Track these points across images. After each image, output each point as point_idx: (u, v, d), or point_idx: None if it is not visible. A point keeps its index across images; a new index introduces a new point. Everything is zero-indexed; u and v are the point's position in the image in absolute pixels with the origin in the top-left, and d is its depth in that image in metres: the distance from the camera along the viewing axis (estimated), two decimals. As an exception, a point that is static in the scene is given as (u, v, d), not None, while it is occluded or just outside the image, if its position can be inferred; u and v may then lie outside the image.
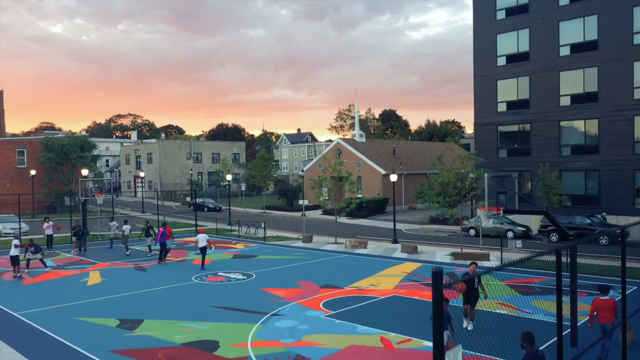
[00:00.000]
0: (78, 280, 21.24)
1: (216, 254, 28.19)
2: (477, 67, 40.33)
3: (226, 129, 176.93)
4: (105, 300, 17.79)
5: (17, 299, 18.08)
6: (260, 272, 22.69)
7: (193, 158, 77.09)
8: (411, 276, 21.30)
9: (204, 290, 19.35)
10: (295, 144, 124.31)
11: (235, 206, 58.60)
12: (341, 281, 20.44)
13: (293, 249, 29.94)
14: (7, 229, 34.88)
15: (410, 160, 58.24)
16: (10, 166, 51.48)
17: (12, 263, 21.92)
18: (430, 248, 29.94)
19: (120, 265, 24.83)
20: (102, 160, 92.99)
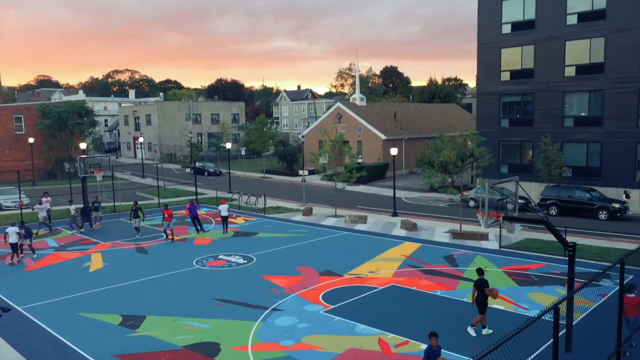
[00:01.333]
0: (80, 266, 21.44)
1: (217, 230, 28.36)
2: (482, 35, 39.36)
3: (225, 84, 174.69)
4: (108, 292, 18.00)
5: (20, 290, 18.31)
6: (261, 254, 22.87)
7: (192, 119, 76.46)
8: (410, 260, 21.47)
9: (204, 277, 19.56)
10: (295, 101, 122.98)
11: (235, 169, 58.57)
12: (340, 266, 20.63)
13: (293, 224, 30.07)
14: (8, 202, 34.89)
15: (411, 124, 57.75)
16: (8, 133, 51.14)
17: (12, 250, 22.02)
18: (429, 223, 30.07)
19: (122, 245, 25.01)
20: (101, 121, 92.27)
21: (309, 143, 58.15)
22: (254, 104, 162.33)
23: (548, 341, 8.42)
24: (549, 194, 32.41)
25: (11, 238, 21.91)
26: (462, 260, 21.33)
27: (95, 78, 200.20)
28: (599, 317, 14.56)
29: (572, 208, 31.19)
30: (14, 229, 22.20)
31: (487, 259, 21.43)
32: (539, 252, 22.22)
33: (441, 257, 21.93)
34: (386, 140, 52.21)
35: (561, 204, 31.55)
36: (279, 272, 20.01)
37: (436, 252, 22.88)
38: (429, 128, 58.82)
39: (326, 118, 57.72)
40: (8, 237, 21.95)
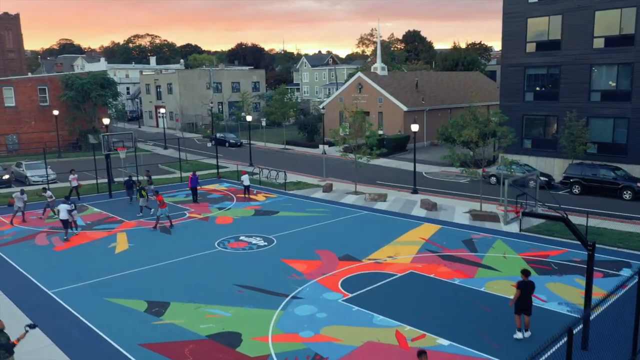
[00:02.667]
0: (106, 246, 22.06)
1: (238, 208, 28.76)
2: (507, 3, 38.18)
3: (246, 49, 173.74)
4: (133, 275, 18.57)
5: (50, 272, 19.00)
6: (281, 235, 23.21)
7: (213, 88, 76.42)
8: (429, 244, 21.58)
9: (226, 261, 20.00)
10: (315, 67, 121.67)
11: (256, 140, 58.73)
12: (359, 250, 20.86)
13: (313, 202, 30.30)
14: (35, 177, 35.73)
15: (433, 94, 56.88)
16: (33, 104, 51.92)
17: (64, 226, 22.82)
18: (449, 202, 30.01)
19: (146, 224, 25.56)
20: (123, 89, 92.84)
21: (329, 114, 57.83)
22: (275, 70, 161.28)
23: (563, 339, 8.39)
24: (573, 172, 31.93)
25: (62, 214, 22.77)
26: (482, 245, 21.34)
27: (116, 43, 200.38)
28: (618, 311, 14.56)
29: (596, 187, 30.73)
30: (65, 206, 23.01)
31: (506, 243, 21.40)
32: (559, 237, 22.08)
33: (460, 241, 21.98)
34: (407, 112, 51.66)
35: (585, 183, 31.09)
36: (298, 256, 20.34)
37: (455, 235, 22.92)
38: (452, 98, 57.94)
39: (347, 88, 57.17)
40: (59, 214, 22.83)
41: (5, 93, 50.18)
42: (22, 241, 23.02)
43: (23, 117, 51.32)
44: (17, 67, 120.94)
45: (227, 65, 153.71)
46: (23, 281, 18.16)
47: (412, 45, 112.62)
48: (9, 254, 21.21)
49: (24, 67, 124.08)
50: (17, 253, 21.25)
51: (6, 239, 23.32)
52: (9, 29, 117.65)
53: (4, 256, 20.88)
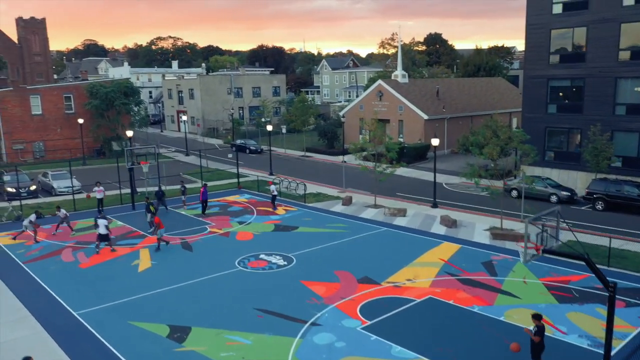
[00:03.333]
0: (129, 264, 22.50)
1: (258, 223, 29.03)
2: (530, 14, 37.76)
3: (266, 50, 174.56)
4: (155, 297, 18.92)
5: (75, 291, 19.46)
6: (300, 254, 23.39)
7: (234, 93, 77.04)
8: (448, 266, 21.55)
9: (246, 282, 20.24)
10: (336, 70, 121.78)
11: (276, 146, 59.00)
12: (379, 271, 20.94)
13: (332, 216, 30.42)
14: (61, 188, 36.48)
15: (454, 101, 56.51)
16: (59, 112, 52.99)
17: (101, 239, 23.75)
18: (469, 217, 29.88)
19: (168, 240, 25.96)
20: (145, 93, 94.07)
21: (349, 121, 57.90)
22: (295, 72, 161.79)
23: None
24: (596, 187, 31.50)
25: (101, 229, 23.72)
26: (501, 267, 21.24)
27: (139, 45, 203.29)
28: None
29: (620, 204, 30.28)
30: (103, 222, 23.95)
31: (526, 266, 21.24)
32: (581, 260, 21.76)
33: (480, 262, 21.91)
34: (428, 120, 51.45)
35: (608, 199, 30.65)
36: (318, 278, 20.50)
37: (475, 256, 22.84)
38: (473, 105, 57.52)
39: (367, 95, 57.13)
40: (98, 228, 23.81)
41: (32, 101, 51.33)
42: (48, 257, 23.61)
43: (49, 124, 52.44)
44: (43, 70, 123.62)
45: (248, 67, 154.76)
46: (50, 301, 18.65)
47: (434, 48, 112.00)
48: (37, 270, 21.79)
49: (50, 70, 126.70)
50: (44, 270, 21.81)
51: (34, 255, 23.94)
52: (36, 33, 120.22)
53: (32, 273, 21.45)
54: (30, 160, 51.17)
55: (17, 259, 23.33)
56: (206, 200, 31.36)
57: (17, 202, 32.50)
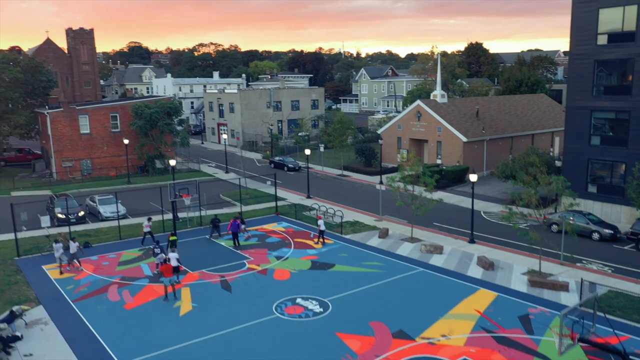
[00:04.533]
0: (172, 305, 23.35)
1: (295, 259, 29.56)
2: (574, 44, 37.07)
3: (306, 56, 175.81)
4: (195, 347, 19.66)
5: (121, 337, 20.40)
6: (337, 299, 23.78)
7: (273, 107, 78.09)
8: (484, 320, 21.53)
9: (283, 332, 20.75)
10: (375, 79, 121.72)
11: (314, 162, 59.51)
12: (413, 324, 21.13)
13: (369, 252, 30.65)
14: (107, 213, 37.95)
15: (494, 122, 55.78)
16: (106, 131, 55.01)
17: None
18: (507, 257, 29.61)
19: (208, 277, 26.80)
20: (187, 104, 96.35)
21: (387, 139, 57.92)
22: (334, 79, 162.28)
23: None
24: None
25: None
26: (538, 323, 21.07)
27: (181, 49, 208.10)
28: None
29: (666, 246, 29.43)
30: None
31: (565, 322, 20.97)
32: (622, 317, 21.44)
33: (516, 316, 21.79)
34: (467, 143, 50.98)
35: (653, 242, 29.84)
36: (353, 329, 20.84)
37: (512, 307, 22.71)
38: (514, 126, 56.63)
39: (405, 115, 57.00)
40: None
41: (81, 121, 53.47)
42: (96, 295, 24.75)
43: (96, 142, 54.52)
44: (90, 79, 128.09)
45: (287, 73, 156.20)
46: (98, 350, 19.62)
47: (474, 58, 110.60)
48: (85, 310, 22.91)
49: (97, 79, 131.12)
50: (92, 311, 22.88)
51: (82, 291, 25.14)
52: (84, 43, 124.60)
53: (80, 314, 22.58)
54: (79, 177, 53.33)
55: (66, 296, 24.56)
56: (236, 232, 31.69)
57: (66, 227, 33.97)
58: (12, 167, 59.00)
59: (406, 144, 56.75)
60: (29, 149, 62.64)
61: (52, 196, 39.56)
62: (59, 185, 50.58)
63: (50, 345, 19.87)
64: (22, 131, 54.87)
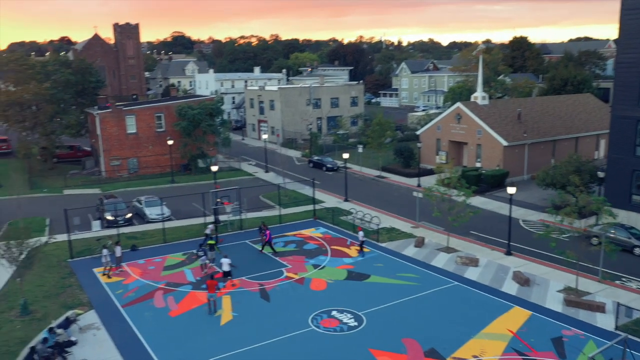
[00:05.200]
0: (213, 314, 24.48)
1: (331, 268, 30.32)
2: (621, 52, 36.20)
3: (346, 48, 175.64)
4: (235, 358, 20.71)
5: (167, 345, 21.68)
6: (371, 313, 24.44)
7: (312, 104, 78.82)
8: (516, 341, 21.79)
9: (318, 346, 21.59)
10: (415, 74, 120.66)
11: (352, 163, 59.86)
12: (445, 342, 21.60)
13: (404, 263, 31.09)
14: (153, 215, 39.58)
15: (536, 124, 54.82)
16: (151, 130, 57.00)
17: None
18: (544, 272, 29.53)
19: (247, 285, 27.88)
20: (229, 99, 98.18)
21: (426, 141, 57.81)
22: (374, 70, 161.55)
23: None
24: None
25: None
26: (571, 347, 21.18)
27: (224, 42, 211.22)
28: None
29: None
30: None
31: (598, 346, 21.02)
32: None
33: (549, 338, 21.94)
34: (507, 147, 50.41)
35: (697, 260, 29.15)
36: (385, 346, 21.48)
37: (545, 328, 22.84)
38: (557, 129, 55.53)
39: (445, 117, 56.70)
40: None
41: (127, 121, 55.58)
42: (143, 300, 26.20)
43: (142, 142, 56.58)
44: (135, 72, 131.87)
45: (327, 65, 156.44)
46: (145, 357, 20.93)
47: (519, 52, 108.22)
48: (133, 316, 24.36)
49: (142, 72, 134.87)
50: (140, 317, 24.29)
51: (130, 297, 26.64)
52: (130, 38, 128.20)
53: (129, 320, 24.03)
54: (125, 175, 55.55)
55: (116, 301, 26.11)
56: (270, 241, 32.94)
57: (114, 229, 35.70)
58: (63, 164, 61.81)
59: (445, 145, 56.55)
60: (79, 146, 65.44)
61: (101, 197, 41.47)
62: (107, 183, 52.86)
63: (102, 351, 21.33)
64: (72, 131, 57.42)
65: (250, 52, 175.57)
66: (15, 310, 24.44)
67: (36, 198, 46.45)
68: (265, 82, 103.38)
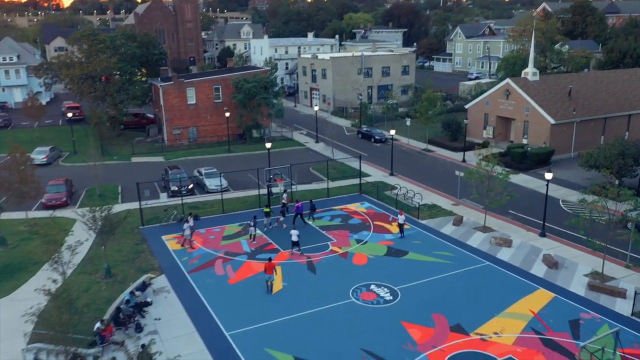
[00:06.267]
0: (270, 293, 27.61)
1: (373, 243, 33.09)
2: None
3: (401, 9, 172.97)
4: (284, 324, 24.09)
5: (226, 309, 25.29)
6: (406, 288, 27.21)
7: (364, 73, 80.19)
8: (536, 321, 24.06)
9: (356, 317, 24.63)
10: (470, 39, 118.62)
11: (400, 134, 61.55)
12: (471, 318, 24.16)
13: (441, 241, 33.42)
14: (212, 186, 43.26)
15: (587, 101, 54.57)
16: (209, 101, 60.56)
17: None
18: (574, 254, 31.16)
19: (297, 257, 31.12)
20: (282, 65, 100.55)
21: (474, 115, 58.70)
22: (428, 33, 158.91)
23: None
24: None
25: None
26: (587, 329, 23.26)
27: (278, 0, 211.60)
28: None
29: None
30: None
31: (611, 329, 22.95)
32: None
33: (567, 320, 24.07)
34: (555, 125, 50.82)
35: None
36: (416, 319, 24.27)
37: (565, 310, 24.93)
38: (609, 106, 55.07)
39: (494, 92, 57.16)
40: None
41: (188, 92, 59.23)
42: (205, 268, 29.94)
43: (201, 112, 60.31)
44: (193, 35, 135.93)
45: (381, 27, 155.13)
46: (208, 320, 24.64)
47: (580, 17, 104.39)
48: (197, 282, 28.14)
49: (199, 36, 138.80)
50: (203, 283, 28.04)
51: (194, 264, 30.45)
52: (188, 2, 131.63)
53: (194, 285, 27.81)
54: (186, 143, 59.68)
55: (182, 267, 29.99)
56: (301, 213, 36.03)
57: (178, 199, 39.60)
58: (129, 131, 66.67)
59: (493, 120, 57.30)
60: (143, 114, 70.05)
61: (166, 168, 45.50)
62: (169, 151, 57.16)
63: (173, 312, 25.20)
64: (138, 101, 61.72)
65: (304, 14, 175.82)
66: (100, 273, 28.70)
67: (108, 165, 51.15)
68: (318, 48, 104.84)
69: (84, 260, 30.35)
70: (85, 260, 30.51)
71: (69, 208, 39.25)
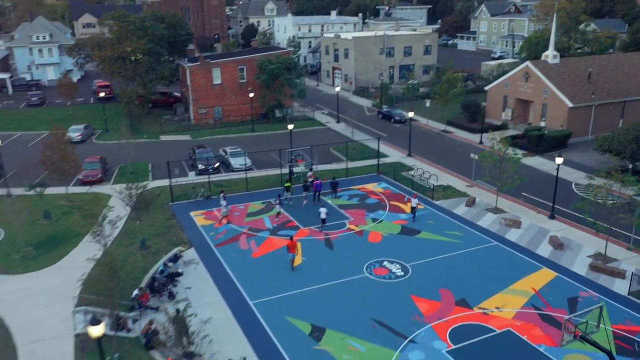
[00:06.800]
0: (286, 258, 29.94)
1: (388, 222, 35.04)
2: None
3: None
4: (304, 295, 26.36)
5: (250, 281, 27.66)
6: (416, 265, 29.21)
7: (385, 53, 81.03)
8: (536, 298, 25.87)
9: (369, 290, 26.76)
10: (495, 17, 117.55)
11: (419, 115, 62.82)
12: (475, 294, 26.09)
13: (452, 221, 35.18)
14: (237, 165, 45.50)
15: (607, 84, 54.95)
16: (234, 82, 62.54)
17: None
18: (580, 236, 32.63)
19: (315, 234, 33.28)
20: (305, 43, 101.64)
21: (493, 96, 59.57)
22: (453, 9, 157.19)
23: None
24: None
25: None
26: (583, 306, 24.91)
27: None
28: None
29: None
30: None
31: (608, 307, 24.65)
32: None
33: (566, 298, 25.82)
34: (573, 108, 51.52)
35: None
36: (424, 293, 26.30)
37: (565, 289, 26.66)
38: (629, 89, 55.37)
39: (514, 74, 57.82)
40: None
41: (214, 73, 61.26)
42: (230, 242, 32.33)
43: (226, 92, 62.40)
44: (218, 12, 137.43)
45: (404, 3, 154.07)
46: (233, 290, 27.04)
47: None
48: (224, 255, 30.56)
49: (224, 12, 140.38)
50: (228, 257, 30.44)
51: (220, 238, 32.86)
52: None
53: (221, 258, 30.24)
54: (211, 122, 61.96)
55: (209, 241, 32.43)
56: (319, 190, 38.22)
57: (205, 177, 41.98)
58: (157, 109, 69.18)
59: (512, 102, 58.10)
60: (171, 92, 72.42)
61: (193, 147, 47.85)
62: (195, 130, 59.54)
63: (202, 282, 27.69)
64: (166, 81, 64.00)
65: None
66: (136, 245, 31.30)
67: (138, 143, 53.72)
68: (342, 26, 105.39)
69: (121, 234, 32.98)
70: (122, 233, 33.13)
71: (104, 184, 41.99)
